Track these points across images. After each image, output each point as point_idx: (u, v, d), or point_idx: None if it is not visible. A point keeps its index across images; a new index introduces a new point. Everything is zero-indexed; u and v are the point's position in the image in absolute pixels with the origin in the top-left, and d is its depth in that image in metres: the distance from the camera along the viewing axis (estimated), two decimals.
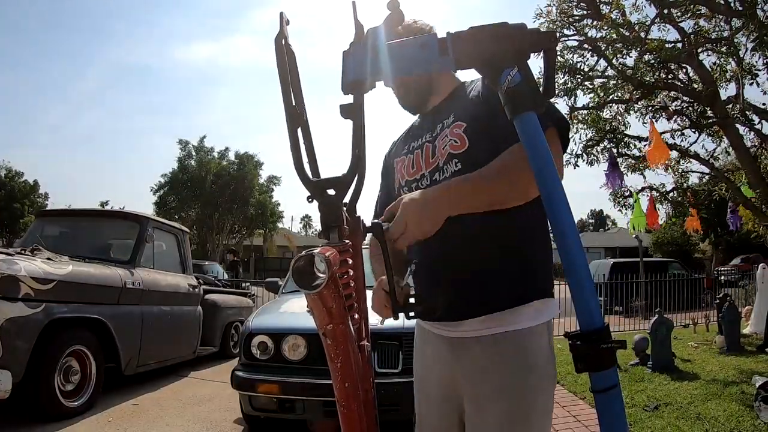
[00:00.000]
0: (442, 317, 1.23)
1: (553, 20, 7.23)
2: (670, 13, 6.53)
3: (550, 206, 0.77)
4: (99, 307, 4.08)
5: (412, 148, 1.38)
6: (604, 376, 0.76)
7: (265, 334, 3.30)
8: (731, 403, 3.83)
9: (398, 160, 1.43)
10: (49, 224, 5.26)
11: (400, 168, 1.41)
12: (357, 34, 0.93)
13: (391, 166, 1.48)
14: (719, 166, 8.86)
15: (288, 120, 0.93)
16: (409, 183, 1.35)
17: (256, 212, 29.53)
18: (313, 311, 0.78)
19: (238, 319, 6.76)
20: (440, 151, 1.26)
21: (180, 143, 29.59)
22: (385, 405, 2.97)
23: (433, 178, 1.28)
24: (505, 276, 1.18)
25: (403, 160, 1.40)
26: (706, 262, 25.16)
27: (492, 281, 1.18)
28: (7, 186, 32.97)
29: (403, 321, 1.08)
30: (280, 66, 0.92)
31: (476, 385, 1.18)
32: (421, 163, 1.33)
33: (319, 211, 0.90)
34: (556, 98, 6.75)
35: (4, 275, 3.33)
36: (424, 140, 1.34)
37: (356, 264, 1.02)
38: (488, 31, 0.82)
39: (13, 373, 3.27)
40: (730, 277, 13.99)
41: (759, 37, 5.46)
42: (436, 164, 1.28)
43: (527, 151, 0.80)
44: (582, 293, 0.76)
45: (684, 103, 7.59)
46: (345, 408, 0.83)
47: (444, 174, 1.25)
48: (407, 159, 1.38)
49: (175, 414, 4.02)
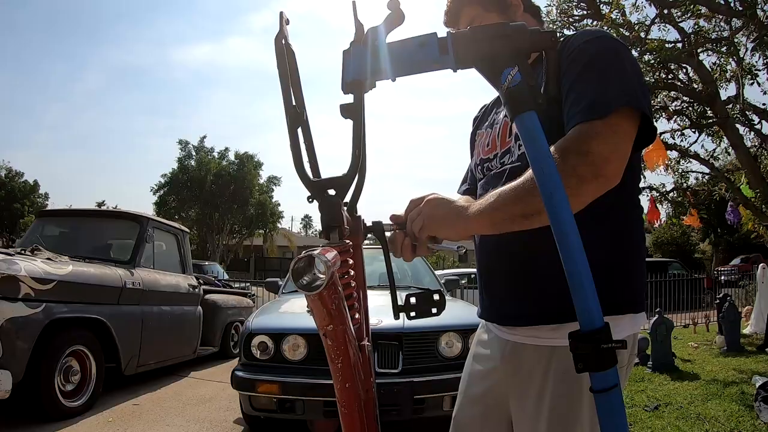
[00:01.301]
0: (500, 320, 1.16)
1: (553, 20, 7.23)
2: (670, 13, 6.54)
3: (551, 206, 0.77)
4: (99, 307, 4.09)
5: (493, 121, 1.24)
6: (604, 376, 0.76)
7: (265, 334, 3.30)
8: (731, 403, 3.83)
9: (480, 132, 1.29)
10: (49, 224, 5.26)
11: (479, 143, 1.27)
12: (357, 34, 0.93)
13: (473, 137, 1.36)
14: (719, 166, 8.86)
15: (288, 120, 0.93)
16: (483, 162, 1.22)
17: (256, 212, 29.54)
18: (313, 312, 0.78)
19: (238, 319, 6.77)
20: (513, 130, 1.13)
21: (180, 143, 29.61)
22: (386, 405, 2.97)
23: (502, 161, 1.15)
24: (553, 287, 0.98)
25: (482, 134, 1.27)
26: (706, 262, 25.16)
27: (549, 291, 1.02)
28: (7, 186, 33.00)
29: (403, 321, 1.08)
30: (280, 66, 0.92)
31: (523, 393, 1.08)
32: (497, 141, 1.18)
33: (320, 211, 0.90)
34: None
35: (4, 275, 3.33)
36: (505, 113, 1.16)
37: (357, 264, 1.02)
38: (488, 31, 0.82)
39: (13, 373, 3.27)
40: (730, 277, 14.01)
41: (759, 37, 5.46)
42: (509, 145, 1.14)
43: (527, 150, 0.80)
44: (582, 293, 0.76)
45: (684, 103, 7.60)
46: (345, 408, 0.83)
47: (512, 158, 1.12)
48: (485, 134, 1.25)
49: (175, 414, 4.02)
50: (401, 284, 4.41)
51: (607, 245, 1.01)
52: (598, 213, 0.94)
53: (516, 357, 1.11)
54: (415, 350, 3.23)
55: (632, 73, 1.00)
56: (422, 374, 3.15)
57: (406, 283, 4.61)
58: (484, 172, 1.22)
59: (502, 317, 1.15)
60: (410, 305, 1.07)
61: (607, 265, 0.98)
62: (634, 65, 1.04)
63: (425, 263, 5.11)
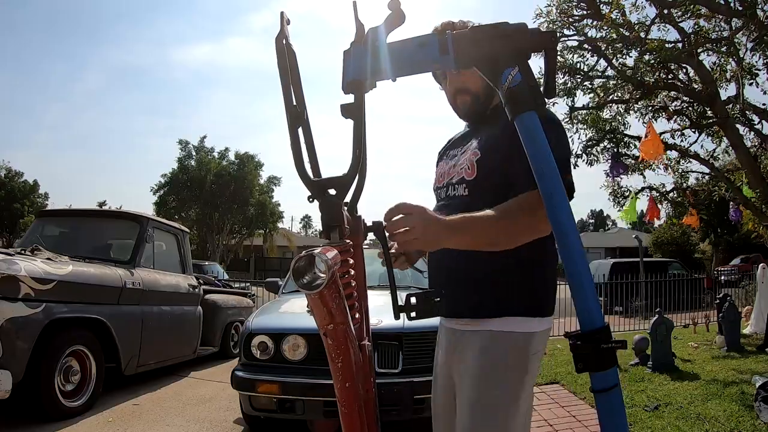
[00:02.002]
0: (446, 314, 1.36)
1: (553, 20, 7.22)
2: (670, 13, 6.54)
3: (551, 206, 0.77)
4: (99, 307, 4.08)
5: (451, 154, 1.44)
6: (604, 376, 0.76)
7: (265, 334, 3.30)
8: (731, 403, 3.83)
9: (441, 163, 1.50)
10: (49, 224, 5.26)
11: (438, 169, 1.48)
12: (357, 34, 0.93)
13: (437, 164, 1.54)
14: (719, 166, 8.86)
15: (288, 119, 0.93)
16: (437, 189, 1.44)
17: (256, 212, 29.51)
18: (313, 311, 0.78)
19: (238, 319, 6.76)
20: (457, 170, 1.35)
21: (180, 143, 29.56)
22: (385, 405, 2.97)
23: (447, 193, 1.37)
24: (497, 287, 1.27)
25: (442, 165, 1.47)
26: (706, 262, 25.15)
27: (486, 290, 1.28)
28: (7, 186, 32.95)
29: (403, 321, 1.08)
30: (280, 65, 0.92)
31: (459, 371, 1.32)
32: (446, 173, 1.41)
33: (320, 210, 0.90)
34: (556, 98, 6.75)
35: (4, 275, 3.33)
36: (459, 151, 1.39)
37: (357, 264, 1.02)
38: (489, 31, 0.82)
39: (13, 373, 3.26)
40: (730, 277, 14.00)
41: (759, 37, 5.46)
42: (451, 180, 1.36)
43: (527, 150, 0.80)
44: (582, 293, 0.76)
45: (684, 103, 7.60)
46: (345, 408, 0.83)
47: (455, 192, 1.33)
48: (444, 164, 1.46)
49: (175, 414, 4.02)
50: (401, 284, 4.41)
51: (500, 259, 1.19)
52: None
53: (457, 340, 1.34)
54: (415, 350, 3.23)
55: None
56: (422, 374, 3.14)
57: (406, 283, 4.61)
58: (439, 196, 1.43)
59: (448, 312, 1.35)
60: (411, 305, 1.07)
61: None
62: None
63: (425, 263, 5.09)
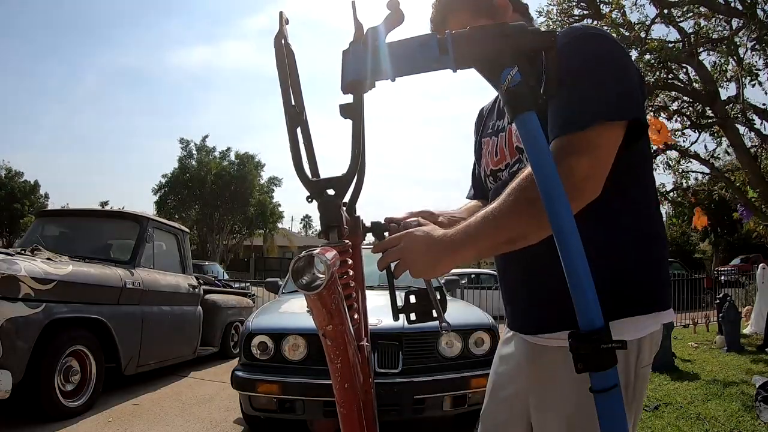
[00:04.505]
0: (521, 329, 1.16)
1: (553, 20, 7.23)
2: (670, 13, 6.54)
3: (551, 206, 0.77)
4: (99, 307, 4.08)
5: (497, 128, 1.21)
6: (604, 376, 0.76)
7: (265, 334, 3.30)
8: (731, 403, 3.83)
9: (485, 140, 1.26)
10: (49, 224, 5.26)
11: (486, 152, 1.23)
12: (356, 34, 0.93)
13: (479, 145, 1.31)
14: (719, 166, 8.87)
15: (287, 119, 0.93)
16: (494, 173, 1.20)
17: (256, 212, 29.53)
18: (312, 312, 0.77)
19: (238, 319, 6.76)
20: (510, 150, 1.12)
21: (181, 142, 29.60)
22: (385, 405, 2.97)
23: (512, 170, 1.12)
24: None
25: (488, 142, 1.24)
26: (706, 262, 25.16)
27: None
28: (7, 186, 32.97)
29: (403, 321, 1.07)
30: (279, 66, 0.92)
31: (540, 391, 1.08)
32: (505, 150, 1.15)
33: (319, 211, 0.90)
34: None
35: (4, 275, 3.33)
36: (507, 120, 1.14)
37: (356, 264, 1.02)
38: (488, 31, 0.82)
39: (13, 373, 3.26)
40: (730, 277, 14.00)
41: (759, 37, 5.46)
42: (518, 156, 1.11)
43: (527, 150, 0.80)
44: (582, 293, 0.75)
45: (684, 103, 7.60)
46: (344, 409, 0.83)
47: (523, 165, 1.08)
48: (491, 142, 1.22)
49: (175, 414, 4.02)
50: (400, 284, 4.40)
51: (606, 246, 0.98)
52: (597, 215, 0.93)
53: (539, 358, 1.09)
54: (415, 350, 3.23)
55: (614, 80, 0.96)
56: (422, 374, 3.15)
57: (406, 283, 4.61)
58: (495, 182, 1.20)
59: (523, 327, 1.14)
60: (410, 305, 1.06)
61: (607, 267, 0.94)
62: (617, 69, 0.98)
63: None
